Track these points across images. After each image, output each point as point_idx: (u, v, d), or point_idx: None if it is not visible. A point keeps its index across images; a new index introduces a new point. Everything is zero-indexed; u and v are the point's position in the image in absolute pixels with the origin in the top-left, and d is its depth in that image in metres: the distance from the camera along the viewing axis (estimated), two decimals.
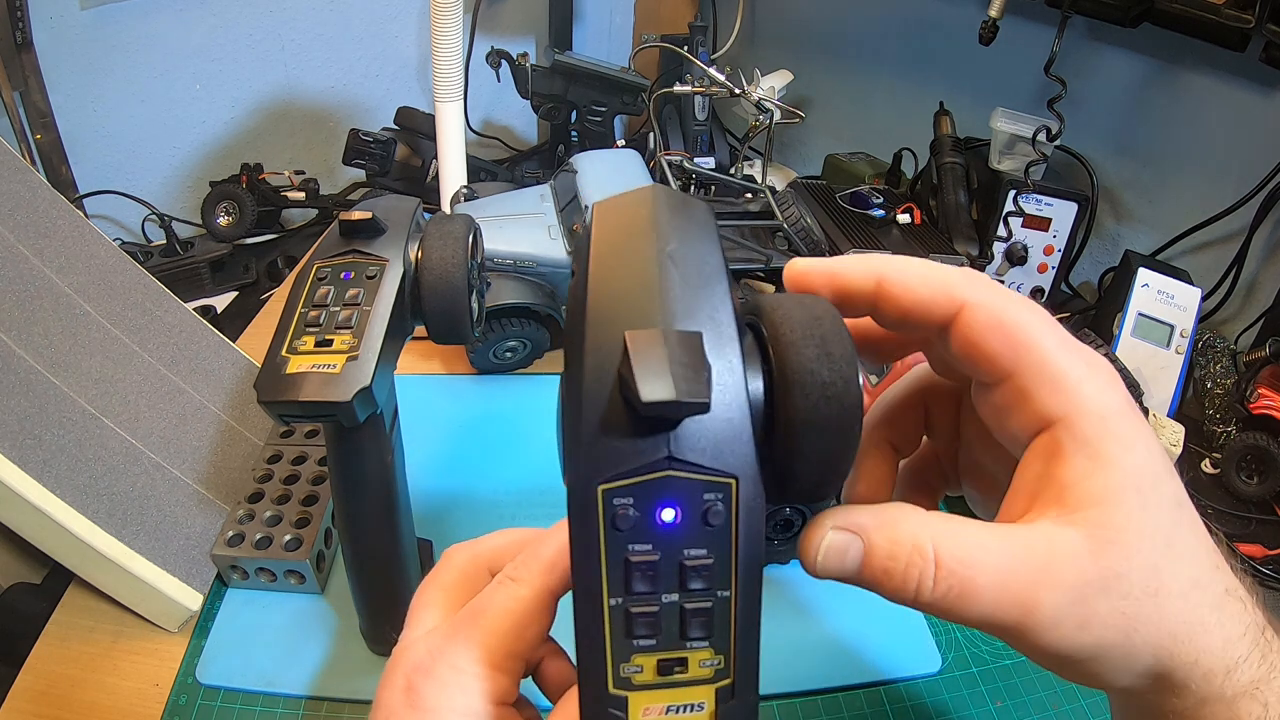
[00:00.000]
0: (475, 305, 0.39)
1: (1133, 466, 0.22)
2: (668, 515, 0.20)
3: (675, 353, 0.19)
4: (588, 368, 0.20)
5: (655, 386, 0.18)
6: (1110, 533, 0.21)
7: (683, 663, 0.21)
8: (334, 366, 0.33)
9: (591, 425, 0.20)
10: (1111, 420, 0.22)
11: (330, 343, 0.34)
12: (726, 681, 0.21)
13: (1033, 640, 0.21)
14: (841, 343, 0.21)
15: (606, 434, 0.20)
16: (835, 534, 0.23)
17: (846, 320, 0.22)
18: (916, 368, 0.29)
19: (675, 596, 0.20)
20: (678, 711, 0.21)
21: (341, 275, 0.36)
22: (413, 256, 0.37)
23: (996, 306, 0.22)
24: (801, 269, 0.25)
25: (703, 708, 0.21)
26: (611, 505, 0.20)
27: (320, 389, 0.32)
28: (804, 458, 0.21)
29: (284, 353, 0.34)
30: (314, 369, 0.33)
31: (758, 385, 0.21)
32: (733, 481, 0.20)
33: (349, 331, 0.34)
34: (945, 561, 0.21)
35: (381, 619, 0.45)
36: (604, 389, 0.20)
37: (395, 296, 0.35)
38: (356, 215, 0.36)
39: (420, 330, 0.39)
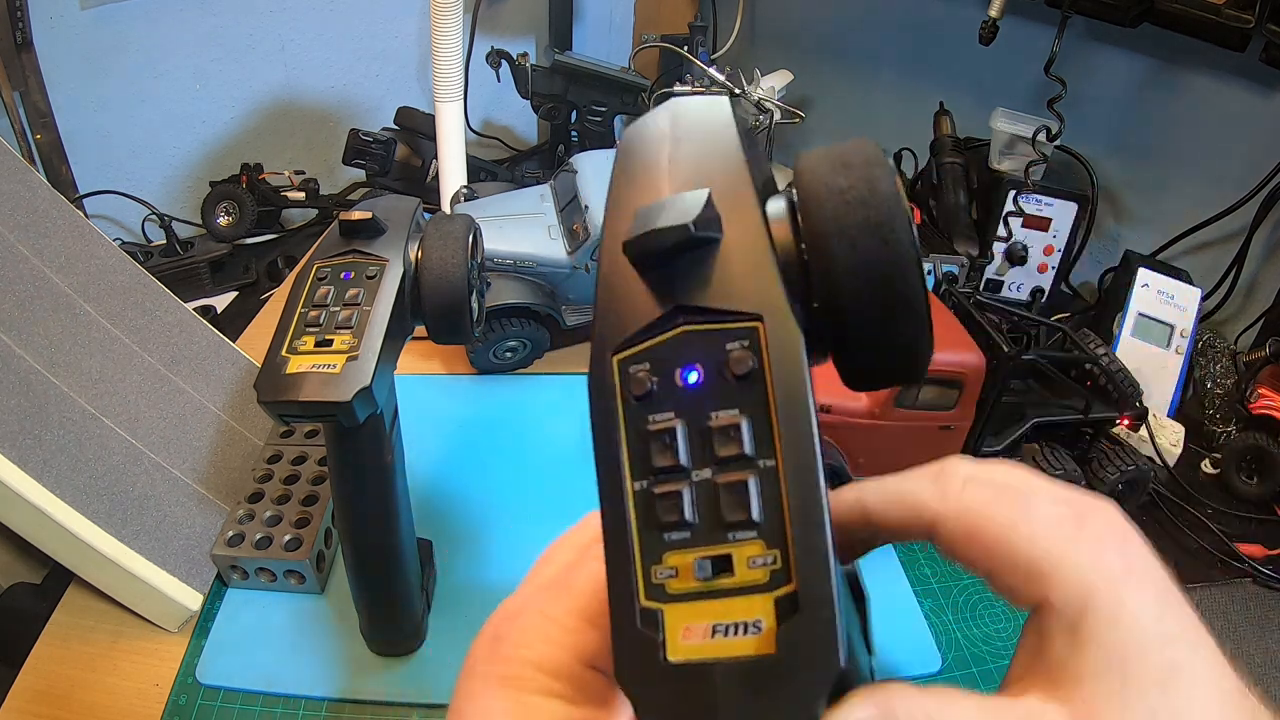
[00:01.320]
0: (475, 305, 0.39)
1: (1115, 643, 0.21)
2: (691, 377, 0.17)
3: (669, 201, 0.17)
4: (604, 251, 0.19)
5: (639, 226, 0.17)
6: (1088, 708, 0.20)
7: (727, 561, 0.17)
8: (334, 366, 0.33)
9: (603, 298, 0.18)
10: (1096, 596, 0.21)
11: (330, 343, 0.34)
12: (789, 588, 0.16)
13: None
14: (866, 158, 0.18)
15: (616, 301, 0.18)
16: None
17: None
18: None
19: (708, 472, 0.17)
20: (728, 633, 0.16)
21: (341, 275, 0.36)
22: (413, 256, 0.37)
23: (966, 517, 0.22)
24: None
25: (760, 627, 0.16)
26: (627, 375, 0.18)
27: (320, 389, 0.32)
28: (842, 285, 0.17)
29: (284, 352, 0.34)
30: (314, 369, 0.33)
31: (786, 234, 0.18)
32: (757, 323, 0.17)
33: (349, 331, 0.34)
34: None
35: (381, 619, 0.45)
36: (616, 259, 0.18)
37: (395, 296, 0.35)
38: (356, 215, 0.36)
39: (421, 330, 0.39)
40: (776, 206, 0.19)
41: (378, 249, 0.36)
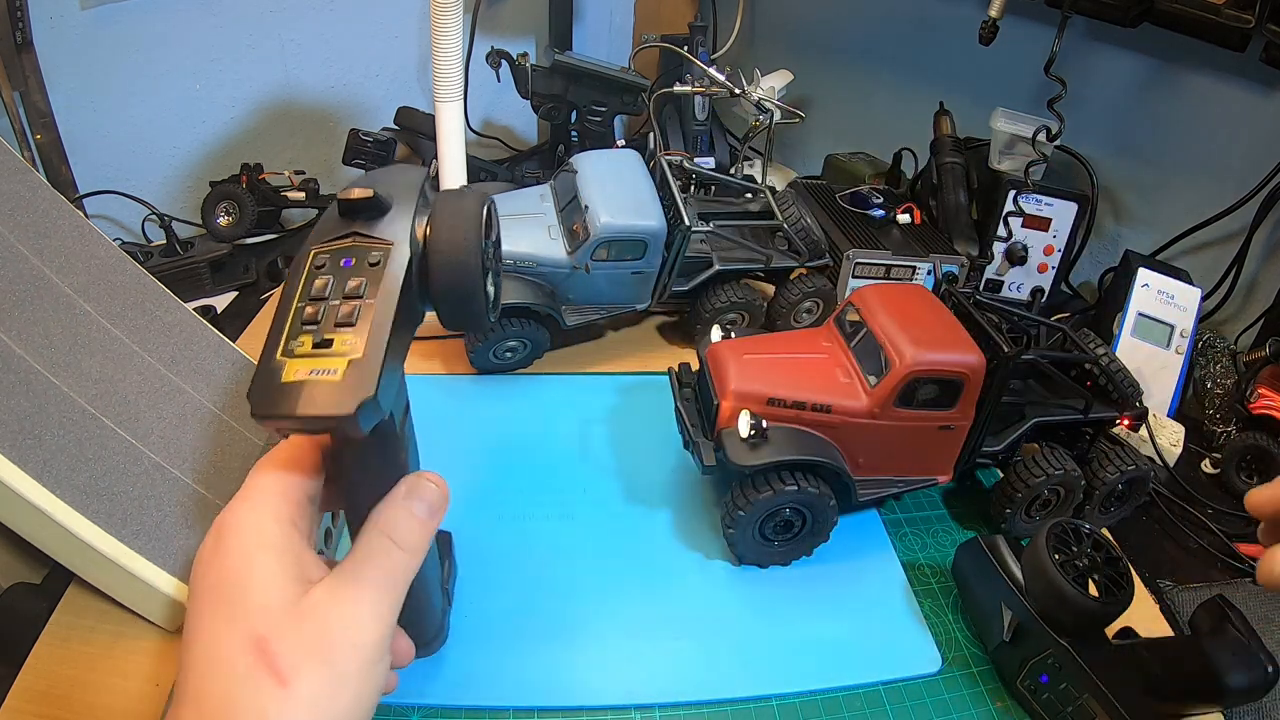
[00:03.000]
0: (491, 288, 0.37)
1: None
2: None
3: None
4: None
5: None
6: None
7: (330, 343, 0.30)
8: (334, 372, 0.30)
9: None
10: None
11: (330, 343, 0.31)
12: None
13: None
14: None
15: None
16: None
17: None
18: None
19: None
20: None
21: (341, 262, 0.33)
22: (420, 234, 0.34)
23: None
24: (1258, 499, 0.36)
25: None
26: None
27: (319, 401, 0.29)
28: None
29: (279, 355, 0.31)
30: (312, 375, 0.30)
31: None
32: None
33: (350, 330, 0.31)
34: None
35: (403, 620, 0.43)
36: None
37: (402, 284, 0.32)
38: (356, 193, 0.33)
39: (422, 330, 0.37)
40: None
41: (381, 230, 0.33)
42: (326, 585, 0.31)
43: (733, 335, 0.59)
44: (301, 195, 0.91)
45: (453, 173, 0.74)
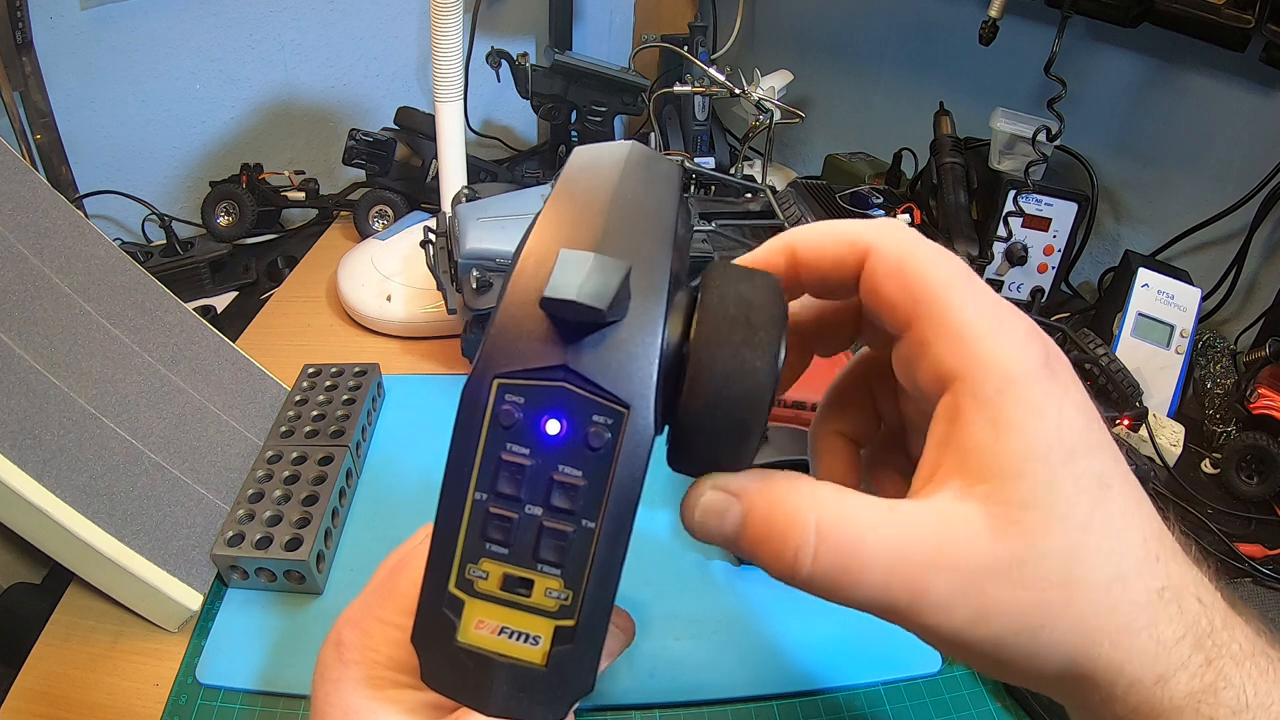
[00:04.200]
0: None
1: (1040, 434, 0.19)
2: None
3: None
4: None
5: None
6: (1011, 510, 0.18)
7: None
8: (536, 642, 0.20)
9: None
10: (1020, 381, 0.19)
11: (529, 587, 0.20)
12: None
13: (926, 628, 0.20)
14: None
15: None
16: (713, 494, 0.21)
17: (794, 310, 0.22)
18: (859, 353, 0.28)
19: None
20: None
21: (543, 426, 0.20)
22: (676, 334, 0.21)
23: (901, 251, 0.21)
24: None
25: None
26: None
27: (514, 697, 0.20)
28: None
29: (453, 588, 0.21)
30: (503, 639, 0.20)
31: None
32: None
33: (557, 573, 0.20)
34: (827, 533, 0.19)
35: None
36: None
37: (640, 487, 0.20)
38: (571, 294, 0.19)
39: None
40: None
41: (612, 374, 0.19)
42: None
43: None
44: (301, 195, 0.91)
45: (453, 173, 0.74)
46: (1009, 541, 0.18)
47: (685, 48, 0.94)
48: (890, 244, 0.21)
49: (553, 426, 0.20)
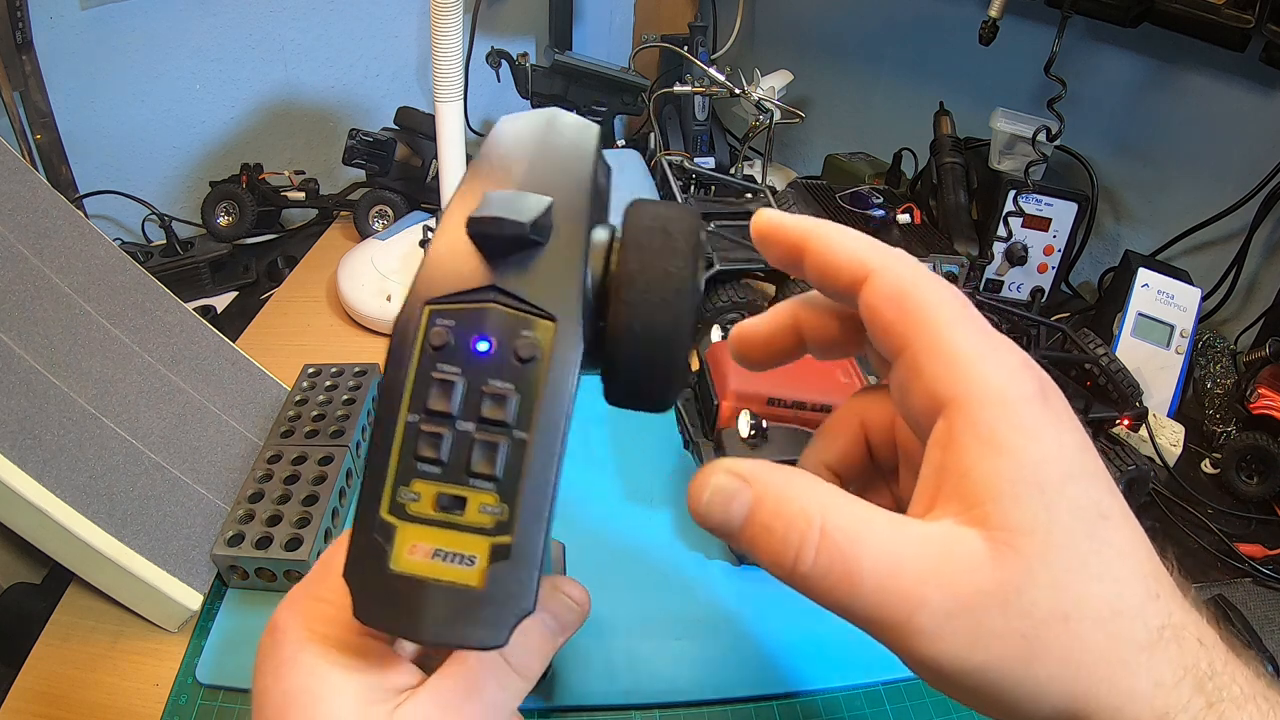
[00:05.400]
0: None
1: (1036, 459, 0.19)
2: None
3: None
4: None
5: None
6: (1010, 535, 0.18)
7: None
8: (471, 562, 0.20)
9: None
10: (1013, 405, 0.19)
11: (462, 505, 0.20)
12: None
13: (916, 648, 0.19)
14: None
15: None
16: (725, 477, 0.21)
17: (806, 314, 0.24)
18: (858, 390, 0.28)
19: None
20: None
21: (473, 344, 0.20)
22: (600, 263, 0.22)
23: (901, 276, 0.21)
24: (762, 216, 0.24)
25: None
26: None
27: (451, 619, 0.19)
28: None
29: (384, 512, 0.20)
30: (437, 563, 0.20)
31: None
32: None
33: (492, 487, 0.20)
34: (831, 533, 0.19)
35: None
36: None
37: (573, 398, 0.20)
38: (495, 212, 0.20)
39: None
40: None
41: (538, 286, 0.20)
42: (420, 713, 0.23)
43: None
44: (301, 195, 0.91)
45: (453, 173, 0.74)
46: (1007, 568, 0.18)
47: (685, 48, 0.94)
48: (891, 271, 0.22)
49: (483, 345, 0.20)
